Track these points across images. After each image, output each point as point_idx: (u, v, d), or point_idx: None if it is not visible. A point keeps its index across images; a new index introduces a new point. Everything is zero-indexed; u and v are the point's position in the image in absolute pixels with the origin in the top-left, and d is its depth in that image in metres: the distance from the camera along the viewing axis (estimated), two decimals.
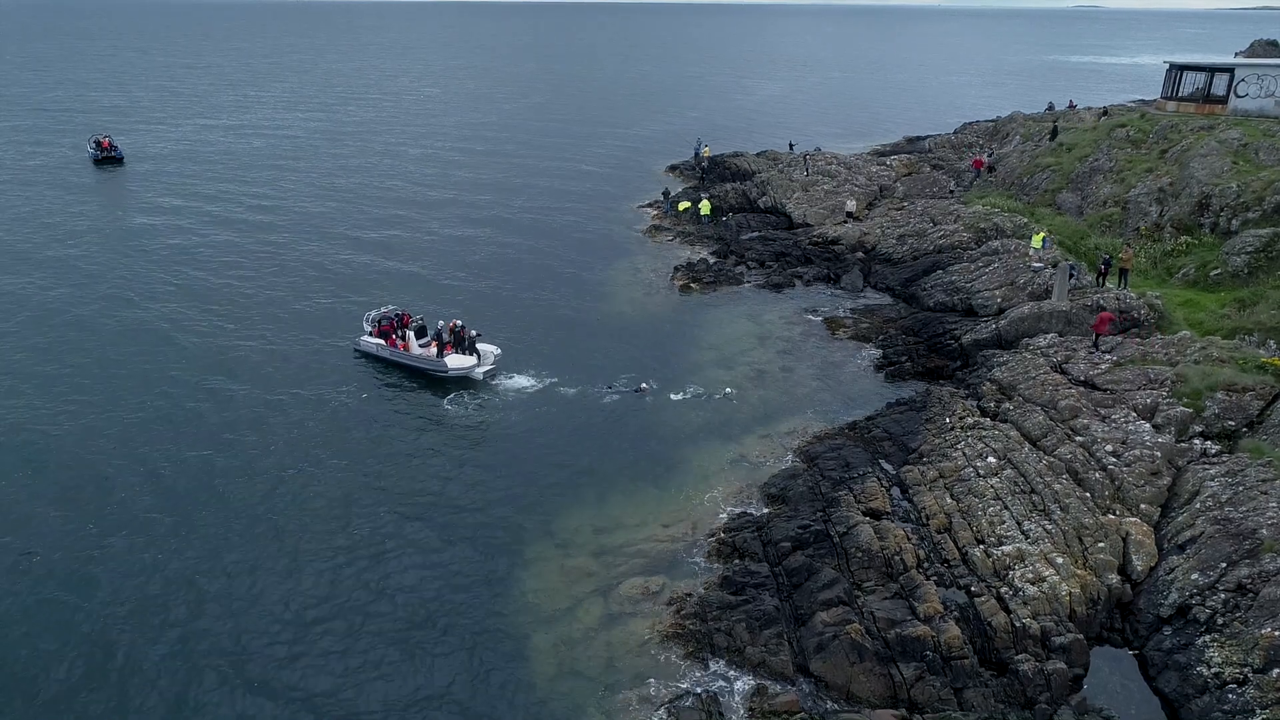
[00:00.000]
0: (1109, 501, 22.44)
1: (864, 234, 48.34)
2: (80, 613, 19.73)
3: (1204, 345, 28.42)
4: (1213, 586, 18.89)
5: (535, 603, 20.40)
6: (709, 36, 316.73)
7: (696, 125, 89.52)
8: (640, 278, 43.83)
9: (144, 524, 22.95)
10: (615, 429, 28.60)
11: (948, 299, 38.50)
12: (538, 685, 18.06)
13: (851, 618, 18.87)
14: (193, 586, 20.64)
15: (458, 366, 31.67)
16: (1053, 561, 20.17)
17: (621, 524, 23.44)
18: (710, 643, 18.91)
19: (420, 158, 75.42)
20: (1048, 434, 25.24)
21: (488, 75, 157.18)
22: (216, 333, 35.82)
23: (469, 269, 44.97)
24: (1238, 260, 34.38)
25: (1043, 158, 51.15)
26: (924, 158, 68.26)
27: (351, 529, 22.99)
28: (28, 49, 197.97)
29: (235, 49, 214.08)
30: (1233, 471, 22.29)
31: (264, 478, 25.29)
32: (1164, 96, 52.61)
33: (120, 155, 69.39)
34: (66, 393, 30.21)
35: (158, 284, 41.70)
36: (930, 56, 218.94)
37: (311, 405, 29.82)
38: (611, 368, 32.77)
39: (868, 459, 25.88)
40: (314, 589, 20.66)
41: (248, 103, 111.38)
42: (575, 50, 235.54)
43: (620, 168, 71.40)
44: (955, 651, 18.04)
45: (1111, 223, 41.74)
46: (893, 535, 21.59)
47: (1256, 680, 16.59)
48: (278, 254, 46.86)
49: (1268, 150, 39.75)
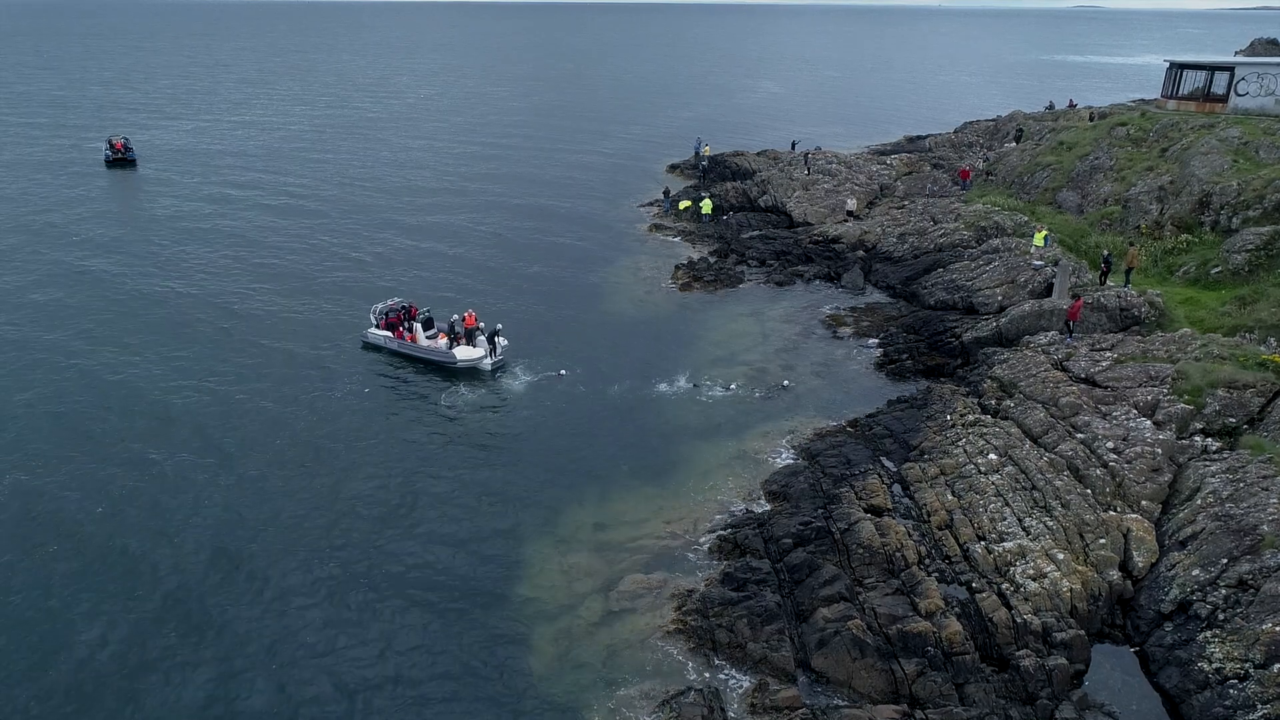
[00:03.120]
0: (1110, 498, 22.46)
1: (865, 232, 48.36)
2: (86, 614, 19.76)
3: (1205, 342, 28.43)
4: (1213, 582, 18.90)
5: (537, 599, 20.42)
6: (709, 36, 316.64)
7: (697, 124, 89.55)
8: (641, 276, 43.85)
9: (145, 520, 23.02)
10: (617, 425, 28.62)
11: (948, 297, 38.52)
12: (539, 681, 18.07)
13: (853, 614, 18.88)
14: (187, 580, 20.68)
15: (466, 358, 31.90)
16: (1054, 558, 20.19)
17: (623, 520, 23.47)
18: (712, 639, 18.92)
19: (422, 157, 75.45)
20: (1048, 431, 25.25)
21: (488, 75, 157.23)
22: (220, 330, 35.89)
23: (469, 267, 45.01)
24: (1238, 258, 34.38)
25: (1043, 156, 51.13)
26: (924, 157, 68.27)
27: (351, 523, 23.01)
28: (41, 47, 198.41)
29: (244, 49, 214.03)
30: (1233, 468, 22.30)
31: (263, 471, 25.32)
32: (1164, 95, 52.60)
33: (133, 157, 69.53)
34: (70, 391, 30.30)
35: (161, 285, 41.78)
36: (930, 56, 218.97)
37: (316, 399, 29.90)
38: (613, 366, 32.80)
39: (869, 456, 25.89)
40: (311, 585, 20.67)
41: (252, 102, 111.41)
42: (575, 50, 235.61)
43: (621, 167, 71.45)
44: (956, 647, 18.06)
45: (1112, 221, 41.74)
46: (894, 532, 21.61)
47: (1257, 675, 16.59)
48: (281, 253, 47.00)
49: (1268, 148, 39.75)
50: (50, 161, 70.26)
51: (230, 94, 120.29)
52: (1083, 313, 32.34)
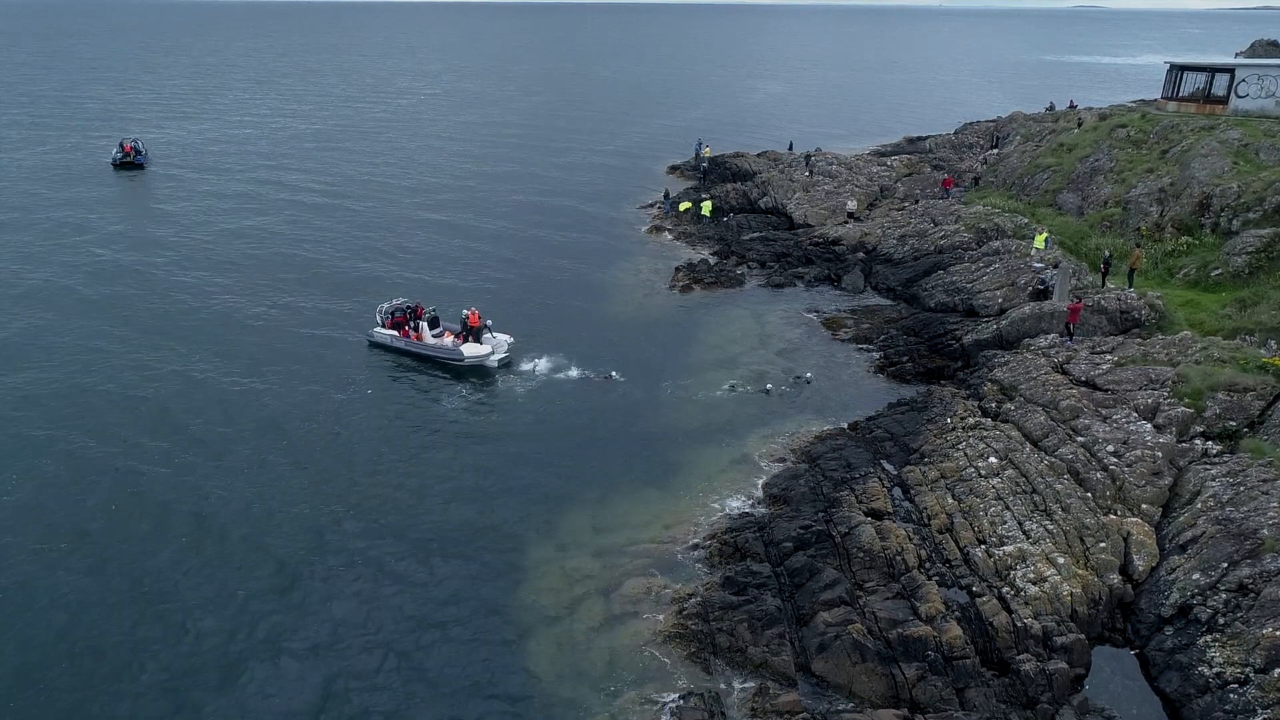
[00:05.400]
0: (1110, 501, 22.47)
1: (865, 234, 48.36)
2: (88, 611, 19.78)
3: (1205, 345, 28.43)
4: (1214, 586, 18.91)
5: (537, 603, 20.42)
6: (710, 37, 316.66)
7: (697, 125, 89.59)
8: (641, 278, 43.86)
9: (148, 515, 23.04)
10: (617, 427, 28.63)
11: (949, 299, 38.52)
12: (539, 685, 18.07)
13: (853, 618, 18.89)
14: (183, 576, 20.69)
15: (473, 355, 31.94)
16: (1054, 561, 20.19)
17: (623, 524, 23.47)
18: (712, 643, 18.93)
19: (424, 157, 75.45)
20: (1049, 434, 25.26)
21: (488, 76, 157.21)
22: (221, 330, 35.90)
23: (468, 269, 45.01)
24: (1238, 260, 34.38)
25: (1043, 158, 51.12)
26: (924, 158, 68.29)
27: (349, 524, 23.01)
28: (48, 47, 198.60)
29: (250, 49, 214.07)
30: (1234, 471, 22.31)
31: (260, 471, 25.34)
32: (1164, 96, 52.58)
33: (142, 161, 69.38)
34: (73, 392, 30.31)
35: (160, 286, 41.78)
36: (931, 56, 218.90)
37: (318, 399, 29.96)
38: (613, 368, 32.78)
39: (869, 459, 25.90)
40: (310, 586, 20.67)
41: (256, 102, 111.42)
42: (576, 50, 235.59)
43: (621, 168, 71.44)
44: (957, 651, 18.06)
45: (1112, 223, 41.73)
46: (894, 535, 21.62)
47: (1258, 680, 16.60)
48: (284, 253, 47.03)
49: (1268, 150, 39.75)
50: (55, 164, 70.21)
51: (238, 94, 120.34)
52: (1082, 315, 32.34)
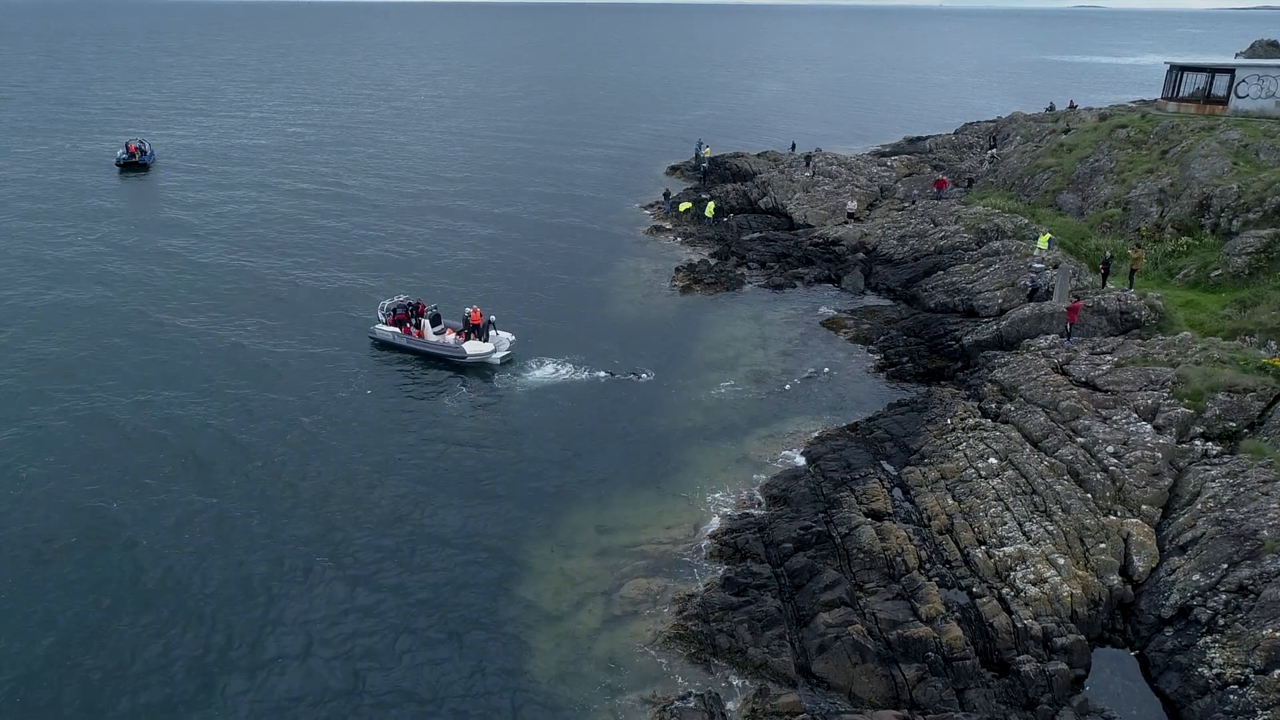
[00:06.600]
0: (1110, 502, 22.47)
1: (865, 235, 48.37)
2: (91, 609, 19.80)
3: (1205, 346, 28.44)
4: (1214, 587, 18.91)
5: (537, 603, 20.43)
6: (710, 37, 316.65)
7: (697, 125, 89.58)
8: (641, 279, 43.87)
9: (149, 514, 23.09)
10: (617, 429, 28.63)
11: (949, 300, 38.53)
12: (539, 686, 18.07)
13: (853, 619, 18.90)
14: (181, 574, 20.71)
15: (476, 353, 32.00)
16: (1054, 562, 20.20)
17: (623, 525, 23.48)
18: (712, 644, 18.94)
19: (423, 157, 75.45)
20: (1049, 435, 25.26)
21: (489, 76, 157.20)
22: (222, 330, 35.88)
23: (469, 269, 45.01)
24: (1238, 261, 34.39)
25: (1043, 158, 51.12)
26: (924, 158, 68.30)
27: (349, 525, 23.02)
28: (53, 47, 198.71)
29: (252, 50, 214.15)
30: (1234, 472, 22.31)
31: (259, 471, 25.35)
32: (1164, 97, 52.59)
33: (146, 161, 69.26)
34: (67, 389, 30.32)
35: (166, 284, 41.78)
36: (931, 56, 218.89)
37: (320, 398, 29.99)
38: (613, 368, 32.80)
39: (869, 460, 25.90)
40: (307, 586, 20.68)
41: (258, 103, 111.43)
42: (576, 50, 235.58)
43: (621, 168, 71.45)
44: (957, 652, 18.08)
45: (1112, 223, 41.74)
46: (894, 536, 21.63)
47: (1258, 681, 16.61)
48: (286, 253, 47.06)
49: (1268, 151, 39.76)
50: (59, 164, 70.25)
51: (241, 95, 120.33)
52: (1081, 315, 32.35)
